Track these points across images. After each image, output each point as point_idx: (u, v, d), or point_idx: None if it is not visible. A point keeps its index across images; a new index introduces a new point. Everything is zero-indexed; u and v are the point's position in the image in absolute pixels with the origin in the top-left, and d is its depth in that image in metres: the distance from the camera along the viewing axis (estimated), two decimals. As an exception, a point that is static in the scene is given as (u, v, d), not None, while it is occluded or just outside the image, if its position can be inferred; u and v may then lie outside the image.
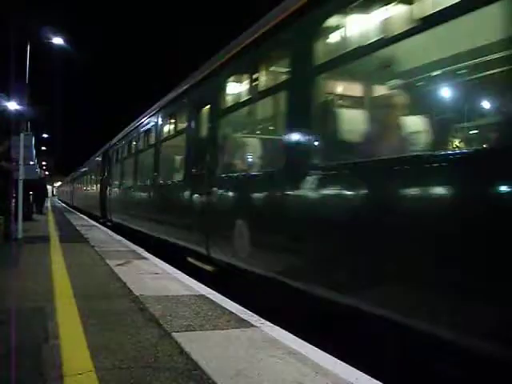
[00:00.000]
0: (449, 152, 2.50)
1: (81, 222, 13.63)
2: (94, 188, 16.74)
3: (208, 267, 4.89)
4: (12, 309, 3.18)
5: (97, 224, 12.75)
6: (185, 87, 6.30)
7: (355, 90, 3.74)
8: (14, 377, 2.04)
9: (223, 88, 4.96)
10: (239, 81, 4.90)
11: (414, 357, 2.46)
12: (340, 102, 3.75)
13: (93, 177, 17.95)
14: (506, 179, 1.88)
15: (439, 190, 2.21)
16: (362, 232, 2.65)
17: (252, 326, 2.90)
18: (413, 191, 2.38)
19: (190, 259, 5.52)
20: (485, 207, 1.98)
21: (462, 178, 2.10)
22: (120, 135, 12.08)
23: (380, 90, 3.57)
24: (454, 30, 2.39)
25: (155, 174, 7.61)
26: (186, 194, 5.70)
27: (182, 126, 6.45)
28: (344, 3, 3.00)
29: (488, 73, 3.05)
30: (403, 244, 2.36)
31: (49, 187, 37.96)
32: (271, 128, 5.13)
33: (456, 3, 2.15)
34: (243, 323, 2.95)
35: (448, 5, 2.19)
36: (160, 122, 7.80)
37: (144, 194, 8.40)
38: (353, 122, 3.24)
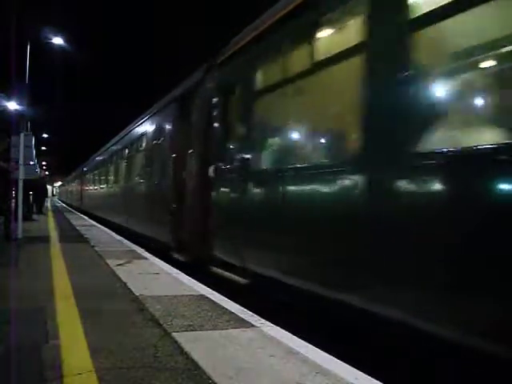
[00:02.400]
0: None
1: (80, 221, 13.62)
2: (144, 181, 8.44)
3: None
4: (12, 309, 3.18)
5: (96, 224, 12.71)
6: None
7: None
8: (13, 377, 2.04)
9: None
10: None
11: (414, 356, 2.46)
12: None
13: (137, 159, 9.42)
14: None
15: None
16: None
17: (252, 325, 2.90)
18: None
19: None
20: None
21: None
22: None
23: None
24: None
25: None
26: None
27: None
28: None
29: None
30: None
31: (49, 187, 37.87)
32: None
33: None
34: (243, 323, 2.95)
35: None
36: None
37: None
38: None
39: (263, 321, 3.01)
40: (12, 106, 17.63)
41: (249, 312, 3.24)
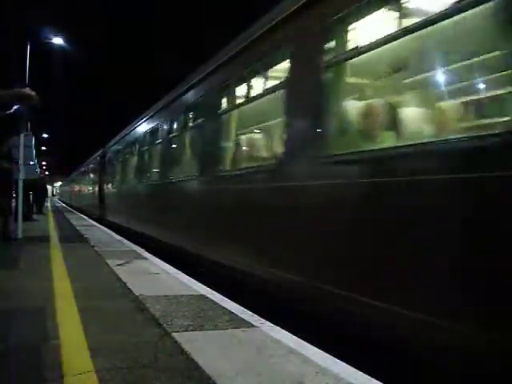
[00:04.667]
0: None
1: (80, 221, 13.62)
2: None
3: None
4: (12, 309, 3.18)
5: (96, 224, 12.70)
6: None
7: None
8: (13, 377, 2.04)
9: None
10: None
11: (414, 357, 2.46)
12: None
13: None
14: None
15: None
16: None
17: (252, 325, 2.90)
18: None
19: None
20: None
21: None
22: None
23: None
24: None
25: None
26: None
27: None
28: None
29: None
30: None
31: (49, 187, 37.80)
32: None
33: None
34: (243, 323, 2.95)
35: None
36: None
37: None
38: None
39: (263, 321, 3.00)
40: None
41: (249, 312, 3.24)
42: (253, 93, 4.84)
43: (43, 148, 48.40)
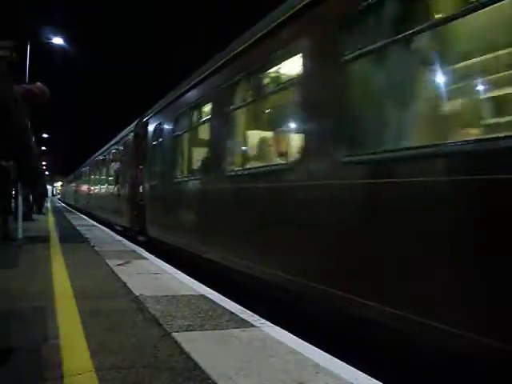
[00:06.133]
0: None
1: (80, 221, 13.62)
2: None
3: None
4: (12, 309, 3.18)
5: (97, 224, 12.70)
6: None
7: None
8: (13, 377, 2.04)
9: None
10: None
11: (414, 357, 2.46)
12: None
13: None
14: None
15: None
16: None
17: (252, 325, 2.90)
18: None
19: None
20: None
21: None
22: None
23: None
24: None
25: None
26: None
27: None
28: None
29: None
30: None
31: (49, 187, 37.70)
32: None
33: None
34: (243, 323, 2.95)
35: None
36: None
37: None
38: None
39: (263, 321, 3.00)
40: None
41: (249, 312, 3.24)
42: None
43: (43, 148, 48.39)
